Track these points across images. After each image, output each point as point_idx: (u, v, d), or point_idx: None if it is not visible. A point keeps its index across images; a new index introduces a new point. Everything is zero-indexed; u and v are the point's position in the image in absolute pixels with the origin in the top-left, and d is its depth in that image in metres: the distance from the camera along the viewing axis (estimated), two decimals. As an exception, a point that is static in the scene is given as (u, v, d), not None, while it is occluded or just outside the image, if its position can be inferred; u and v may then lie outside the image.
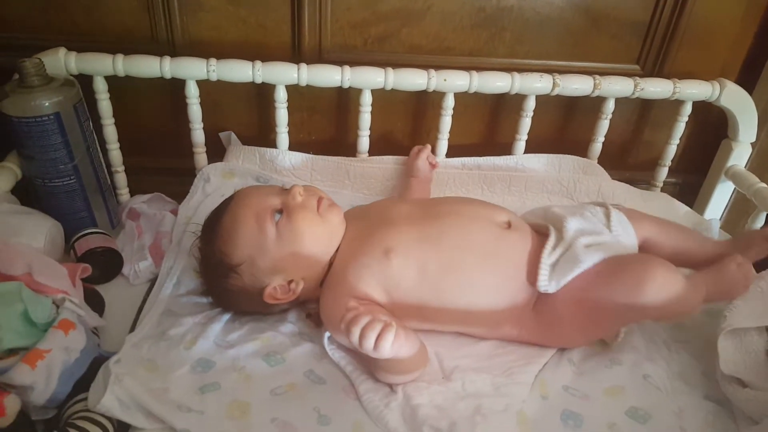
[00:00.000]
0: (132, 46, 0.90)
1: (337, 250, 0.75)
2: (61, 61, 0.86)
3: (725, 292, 0.74)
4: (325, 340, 0.72)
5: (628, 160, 1.15)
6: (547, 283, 0.71)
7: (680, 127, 1.04)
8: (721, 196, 1.11)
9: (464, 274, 0.72)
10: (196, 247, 0.78)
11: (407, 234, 0.73)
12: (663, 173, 1.09)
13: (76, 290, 0.74)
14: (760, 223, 1.01)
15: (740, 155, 1.06)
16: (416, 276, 0.71)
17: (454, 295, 0.72)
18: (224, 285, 0.74)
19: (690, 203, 1.11)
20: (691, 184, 1.16)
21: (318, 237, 0.74)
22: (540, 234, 0.78)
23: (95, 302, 0.78)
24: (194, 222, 0.88)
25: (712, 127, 1.09)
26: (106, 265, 0.86)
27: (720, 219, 1.16)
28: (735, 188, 1.08)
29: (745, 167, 1.09)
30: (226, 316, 0.77)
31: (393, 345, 0.59)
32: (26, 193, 0.87)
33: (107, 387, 0.60)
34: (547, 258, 0.72)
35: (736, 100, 1.01)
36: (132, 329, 0.75)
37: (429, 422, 0.62)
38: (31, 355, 0.61)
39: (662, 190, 1.13)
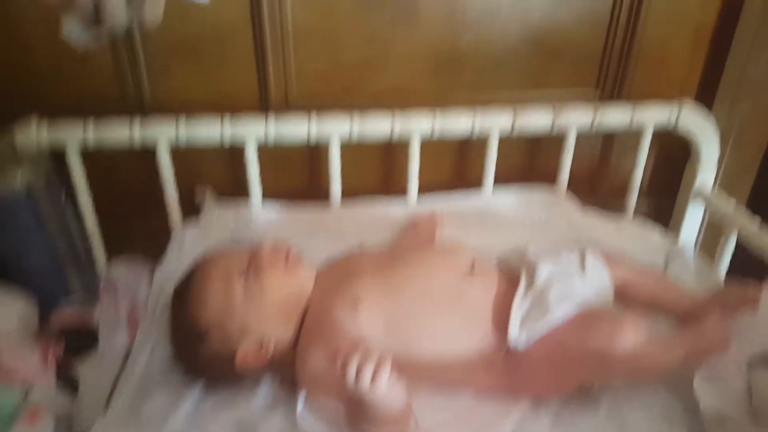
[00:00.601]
0: (102, 111, 0.90)
1: (308, 305, 0.75)
2: (33, 134, 0.85)
3: (704, 351, 0.72)
4: (299, 408, 0.69)
5: (598, 188, 1.16)
6: (517, 335, 0.70)
7: (644, 154, 1.05)
8: (693, 217, 1.11)
9: (428, 321, 0.72)
10: (167, 315, 0.77)
11: (373, 284, 0.73)
12: (633, 199, 1.10)
13: (47, 371, 0.73)
14: (732, 243, 1.01)
15: (706, 176, 1.06)
16: (384, 326, 0.71)
17: (422, 343, 0.71)
18: (195, 353, 0.72)
19: (664, 226, 1.12)
20: (663, 207, 1.16)
21: (286, 292, 0.74)
22: (512, 277, 0.78)
23: (68, 381, 0.77)
24: (169, 287, 0.87)
25: (678, 149, 1.10)
26: (81, 339, 0.84)
27: (697, 239, 1.16)
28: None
29: (713, 186, 1.10)
30: (200, 386, 0.75)
31: (389, 382, 0.59)
32: (2, 270, 0.86)
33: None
34: (518, 308, 0.72)
35: (695, 122, 1.02)
36: (107, 404, 0.73)
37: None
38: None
39: (635, 214, 1.12)
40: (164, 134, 0.90)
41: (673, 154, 1.12)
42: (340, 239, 1.00)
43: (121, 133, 0.88)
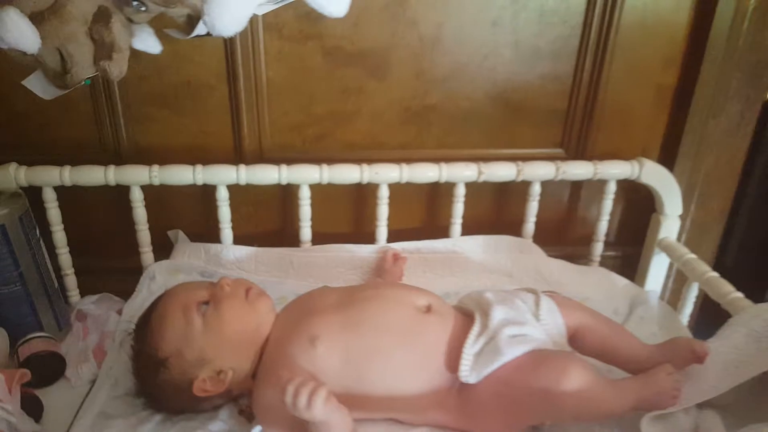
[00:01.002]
0: (81, 157, 0.98)
1: (267, 340, 0.79)
2: (11, 175, 0.94)
3: (654, 401, 0.74)
4: (253, 435, 0.74)
5: (566, 237, 1.21)
6: (468, 373, 0.74)
7: (608, 205, 1.11)
8: (658, 267, 1.15)
9: (383, 356, 0.75)
10: (129, 345, 0.81)
11: (331, 321, 0.78)
12: (599, 248, 1.15)
13: (12, 396, 0.77)
14: (694, 293, 1.04)
15: (669, 228, 1.12)
16: (340, 362, 0.75)
17: (376, 378, 0.75)
18: (155, 381, 0.77)
19: (631, 276, 1.16)
20: (630, 257, 1.21)
21: (245, 324, 0.78)
22: (466, 319, 0.81)
23: (33, 407, 0.81)
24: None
25: (644, 202, 1.16)
26: (49, 368, 0.89)
27: (665, 289, 1.20)
28: (671, 259, 1.12)
29: (680, 239, 1.14)
30: (159, 416, 0.79)
31: (325, 405, 0.64)
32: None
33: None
34: (470, 347, 0.76)
35: (656, 177, 1.08)
36: (69, 429, 0.77)
37: None
38: (-47, 467, 0.63)
39: (604, 263, 1.17)
40: (137, 181, 0.98)
41: (639, 212, 1.18)
42: (308, 279, 1.05)
43: (95, 178, 0.96)
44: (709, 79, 1.07)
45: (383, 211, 1.06)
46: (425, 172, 1.03)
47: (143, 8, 0.54)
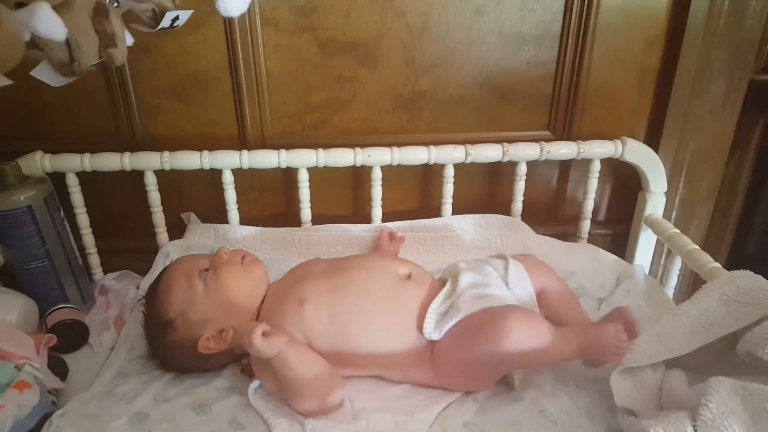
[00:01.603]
0: (100, 146, 1.07)
1: (262, 303, 0.87)
2: (37, 162, 1.04)
3: (597, 354, 0.77)
4: (250, 390, 0.81)
5: (557, 216, 1.26)
6: (431, 330, 0.81)
7: (593, 184, 1.15)
8: (646, 243, 1.19)
9: (365, 318, 0.82)
10: (141, 312, 0.90)
11: (318, 285, 0.85)
12: (586, 226, 1.19)
13: (40, 357, 0.86)
14: (677, 266, 1.08)
15: (655, 204, 1.15)
16: (327, 322, 0.82)
17: (359, 338, 0.82)
18: (163, 342, 0.85)
19: (621, 253, 1.20)
20: (620, 235, 1.25)
21: (242, 286, 0.86)
22: (441, 285, 0.88)
23: (59, 368, 0.90)
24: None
25: (632, 181, 1.19)
26: (74, 335, 0.98)
27: (658, 266, 1.23)
28: (658, 235, 1.16)
29: (670, 217, 1.18)
30: (170, 375, 0.88)
31: (268, 339, 0.72)
32: (9, 276, 1.01)
33: (48, 436, 0.71)
34: (437, 307, 0.83)
35: (639, 155, 1.12)
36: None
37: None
38: (-14, 410, 0.72)
39: (595, 241, 1.21)
40: (150, 166, 1.07)
41: (628, 190, 1.22)
42: (309, 257, 1.11)
43: (112, 164, 1.05)
44: (690, 60, 1.10)
45: (377, 192, 1.13)
46: (416, 155, 1.09)
47: (115, 4, 0.62)
